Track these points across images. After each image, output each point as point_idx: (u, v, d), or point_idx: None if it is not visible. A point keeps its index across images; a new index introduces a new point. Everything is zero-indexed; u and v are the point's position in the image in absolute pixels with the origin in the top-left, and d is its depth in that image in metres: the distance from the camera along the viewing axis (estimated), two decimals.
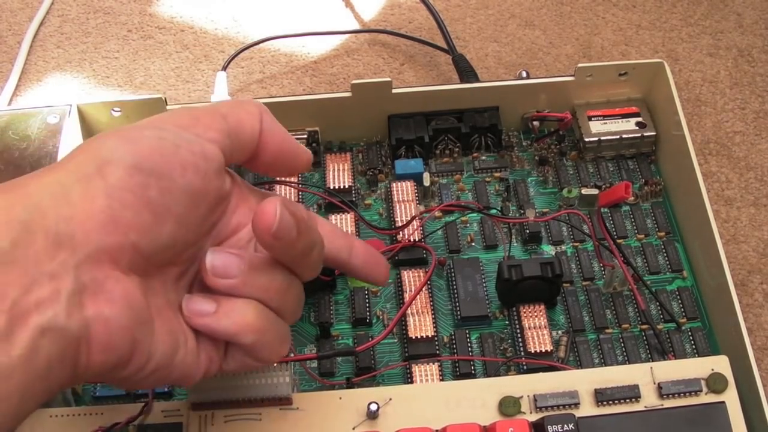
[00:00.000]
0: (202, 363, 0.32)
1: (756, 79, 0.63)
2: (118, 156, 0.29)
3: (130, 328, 0.28)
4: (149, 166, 0.29)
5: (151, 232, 0.29)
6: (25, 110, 0.50)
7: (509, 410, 0.39)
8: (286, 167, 0.36)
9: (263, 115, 0.34)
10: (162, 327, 0.30)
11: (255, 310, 0.31)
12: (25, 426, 0.38)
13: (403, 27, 0.67)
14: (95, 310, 0.27)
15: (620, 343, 0.46)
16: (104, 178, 0.28)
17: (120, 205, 0.28)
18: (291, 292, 0.33)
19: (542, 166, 0.53)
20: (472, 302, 0.46)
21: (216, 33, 0.66)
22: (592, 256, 0.49)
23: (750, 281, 0.52)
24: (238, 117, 0.33)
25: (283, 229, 0.30)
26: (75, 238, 0.27)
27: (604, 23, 0.67)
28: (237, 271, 0.31)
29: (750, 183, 0.57)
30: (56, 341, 0.26)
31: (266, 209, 0.29)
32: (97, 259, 0.27)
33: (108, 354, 0.28)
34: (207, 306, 0.31)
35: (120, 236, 0.28)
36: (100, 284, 0.27)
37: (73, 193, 0.28)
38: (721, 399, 0.40)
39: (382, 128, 0.54)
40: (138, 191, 0.29)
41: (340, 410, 0.39)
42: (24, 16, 0.67)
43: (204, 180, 0.31)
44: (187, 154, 0.30)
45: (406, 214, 0.49)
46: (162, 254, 0.30)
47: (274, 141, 0.34)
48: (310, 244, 0.32)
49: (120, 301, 0.28)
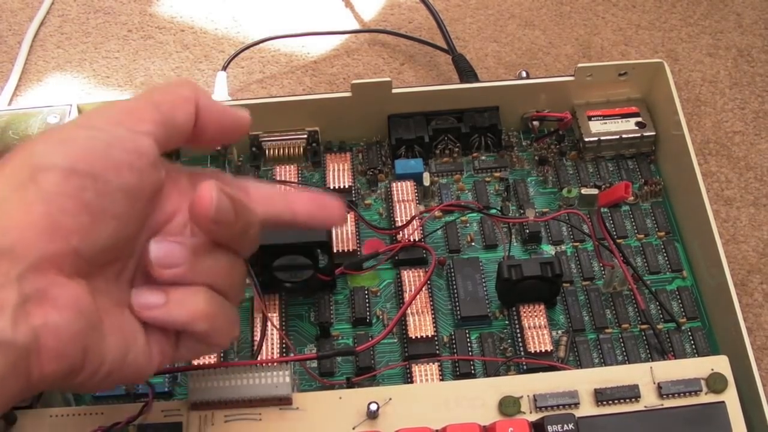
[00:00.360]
0: (154, 357, 0.31)
1: (756, 79, 0.63)
2: (52, 161, 0.28)
3: (81, 333, 0.28)
4: (83, 168, 0.28)
5: (91, 235, 0.28)
6: (25, 110, 0.50)
7: (509, 410, 0.39)
8: (228, 139, 0.36)
9: (198, 95, 0.33)
10: (111, 327, 0.29)
11: (204, 296, 0.31)
12: (25, 426, 0.38)
13: (403, 27, 0.67)
14: (42, 318, 0.27)
15: (620, 343, 0.46)
16: (39, 184, 0.28)
17: (58, 210, 0.28)
18: (235, 271, 0.33)
19: (542, 166, 0.53)
20: (472, 302, 0.46)
21: (216, 33, 0.66)
22: (591, 256, 0.49)
23: (750, 281, 0.52)
24: (172, 103, 0.32)
25: (221, 214, 0.29)
26: (15, 250, 0.27)
27: (604, 23, 0.67)
28: (182, 260, 0.31)
29: (750, 183, 0.57)
30: (5, 354, 0.25)
31: (203, 195, 0.29)
32: (40, 268, 0.27)
33: (60, 362, 0.27)
34: (156, 298, 0.31)
35: (61, 242, 0.28)
36: (45, 292, 0.27)
37: (8, 203, 0.27)
38: (721, 399, 0.40)
39: (382, 128, 0.54)
40: (74, 195, 0.28)
41: (340, 410, 0.39)
42: (24, 16, 0.67)
43: (140, 177, 0.30)
44: (121, 153, 0.30)
45: (406, 214, 0.49)
46: (104, 255, 0.30)
47: (213, 118, 0.33)
48: (247, 223, 0.32)
49: (67, 307, 0.27)
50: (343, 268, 0.47)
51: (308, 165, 0.53)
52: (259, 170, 0.53)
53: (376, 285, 0.48)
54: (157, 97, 0.32)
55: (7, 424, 0.38)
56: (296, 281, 0.45)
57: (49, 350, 0.27)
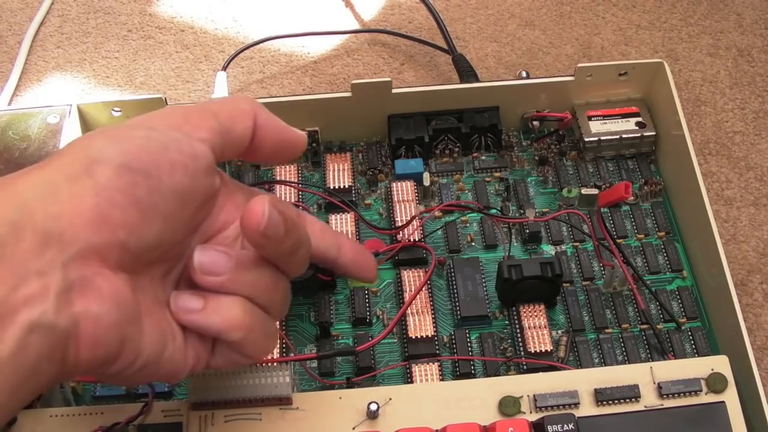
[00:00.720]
0: (189, 359, 0.32)
1: (756, 79, 0.63)
2: (107, 155, 0.29)
3: (119, 325, 0.28)
4: (137, 166, 0.29)
5: (139, 231, 0.29)
6: (25, 110, 0.50)
7: (509, 410, 0.39)
8: (284, 157, 0.37)
9: (257, 111, 0.34)
10: (150, 324, 0.30)
11: (242, 307, 0.32)
12: (26, 426, 0.38)
13: (403, 27, 0.67)
14: (84, 306, 0.27)
15: (620, 342, 0.46)
16: (92, 177, 0.28)
17: (108, 203, 0.28)
18: (278, 289, 0.33)
19: (542, 166, 0.53)
20: (472, 302, 0.46)
21: (216, 33, 0.66)
22: (592, 256, 0.49)
23: (750, 281, 0.52)
24: (230, 115, 0.33)
25: (271, 228, 0.30)
26: (63, 236, 0.27)
27: (604, 23, 0.67)
28: (225, 269, 0.31)
29: (750, 183, 0.57)
30: (45, 338, 0.26)
31: (255, 208, 0.30)
32: (86, 257, 0.28)
33: (96, 350, 0.28)
34: (195, 303, 0.31)
35: (108, 234, 0.28)
36: (88, 281, 0.28)
37: (61, 191, 0.28)
38: (721, 399, 0.40)
39: (382, 128, 0.54)
40: (126, 190, 0.29)
41: (340, 410, 0.39)
42: (24, 16, 0.67)
43: (193, 180, 0.31)
44: (176, 154, 0.30)
45: (406, 214, 0.49)
46: (150, 252, 0.30)
47: (270, 136, 0.34)
48: (297, 242, 0.32)
49: (108, 298, 0.28)
50: None
51: (308, 165, 0.53)
52: (259, 170, 0.53)
53: (376, 285, 0.48)
54: (215, 107, 0.33)
55: (7, 423, 0.38)
56: (296, 281, 0.45)
57: (87, 338, 0.27)
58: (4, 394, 0.25)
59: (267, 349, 0.34)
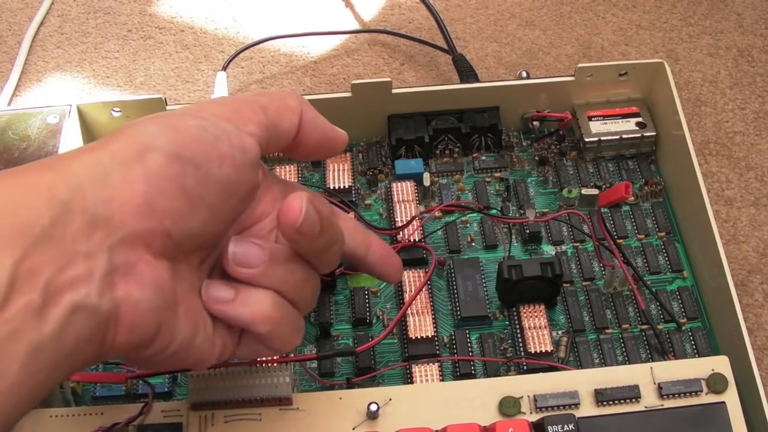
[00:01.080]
0: (216, 348, 0.32)
1: (756, 79, 0.63)
2: (160, 143, 0.29)
3: (157, 311, 0.29)
4: (189, 156, 0.29)
5: (184, 220, 0.29)
6: (25, 110, 0.50)
7: (509, 410, 0.39)
8: (324, 154, 0.38)
9: (303, 108, 0.34)
10: (185, 311, 0.30)
11: (272, 301, 0.32)
12: (26, 426, 0.38)
13: (403, 27, 0.67)
14: (126, 291, 0.27)
15: (620, 343, 0.46)
16: (144, 163, 0.29)
17: (157, 191, 0.28)
18: (308, 284, 0.34)
19: (542, 166, 0.53)
20: (472, 302, 0.46)
21: (216, 33, 0.66)
22: (592, 256, 0.49)
23: (750, 281, 0.52)
24: (278, 110, 0.34)
25: (307, 225, 0.30)
26: (111, 221, 0.27)
27: (604, 23, 0.67)
28: (258, 261, 0.31)
29: (750, 183, 0.57)
30: (87, 320, 0.26)
31: (292, 204, 0.30)
32: (131, 242, 0.28)
33: (133, 335, 0.28)
34: (226, 293, 0.31)
35: (154, 222, 0.28)
36: (132, 266, 0.28)
37: (113, 176, 0.28)
38: (722, 399, 0.40)
39: (382, 128, 0.54)
40: (175, 179, 0.29)
41: (340, 410, 0.39)
42: (24, 16, 0.67)
43: (240, 172, 0.31)
44: (227, 147, 0.31)
45: (406, 214, 0.49)
46: (191, 241, 0.30)
47: (315, 133, 0.35)
48: (331, 240, 0.32)
49: (150, 284, 0.28)
50: (343, 269, 0.47)
51: (308, 165, 0.53)
52: None
53: (376, 285, 0.48)
54: (264, 101, 0.33)
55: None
56: None
57: (126, 322, 0.28)
58: (43, 374, 0.26)
59: (293, 342, 0.34)
